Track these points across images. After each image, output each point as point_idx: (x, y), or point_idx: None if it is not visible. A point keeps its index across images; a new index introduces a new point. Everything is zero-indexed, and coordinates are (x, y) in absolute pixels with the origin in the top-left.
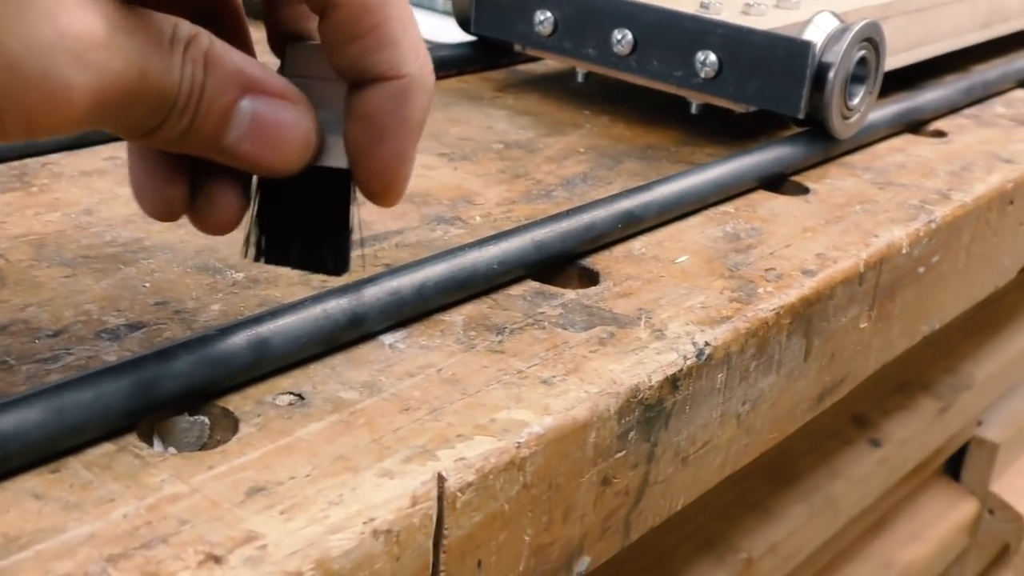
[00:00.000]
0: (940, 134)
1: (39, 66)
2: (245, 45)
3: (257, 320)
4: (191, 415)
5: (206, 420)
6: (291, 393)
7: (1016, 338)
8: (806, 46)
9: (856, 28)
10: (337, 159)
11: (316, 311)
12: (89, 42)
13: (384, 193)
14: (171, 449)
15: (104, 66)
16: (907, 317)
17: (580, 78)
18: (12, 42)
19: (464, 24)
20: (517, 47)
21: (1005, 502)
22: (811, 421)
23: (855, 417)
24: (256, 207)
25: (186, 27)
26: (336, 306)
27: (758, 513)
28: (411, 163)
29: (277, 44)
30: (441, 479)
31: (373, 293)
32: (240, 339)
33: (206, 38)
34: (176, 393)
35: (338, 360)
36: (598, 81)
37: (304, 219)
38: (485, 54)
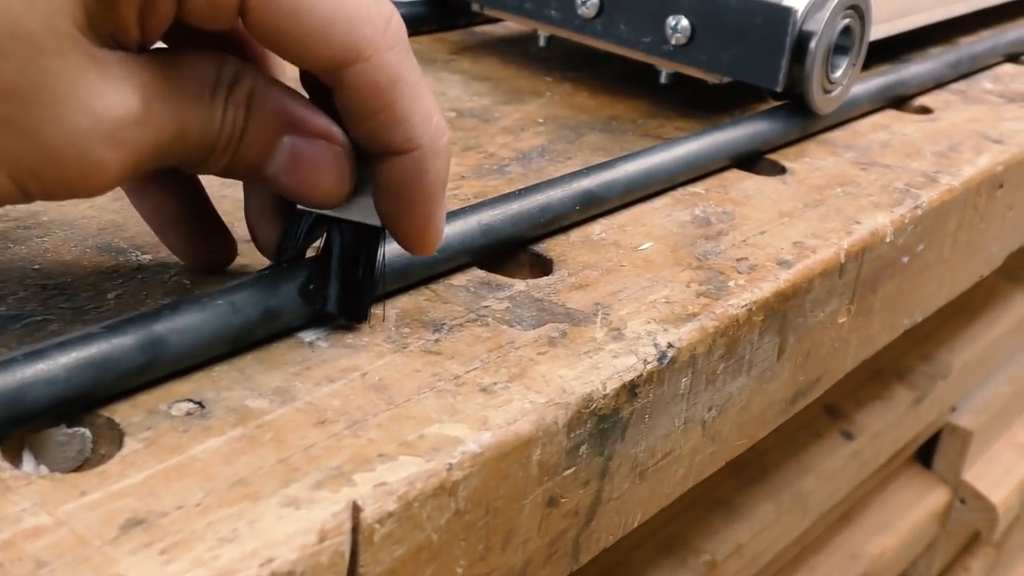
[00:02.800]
0: (925, 110)
1: (75, 152)
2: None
3: (153, 316)
4: (69, 426)
5: (87, 432)
6: (190, 400)
7: (994, 324)
8: (786, 12)
9: None
10: (370, 215)
11: (223, 305)
12: (123, 122)
13: (419, 248)
14: (43, 468)
15: (139, 139)
16: (888, 310)
17: (542, 42)
18: (50, 132)
19: None
20: (475, 7)
21: (977, 491)
22: None
23: (827, 408)
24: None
25: (231, 68)
26: (247, 299)
27: (723, 512)
28: (440, 219)
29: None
30: (356, 509)
31: (291, 284)
32: (130, 338)
33: (250, 78)
34: (50, 401)
35: (248, 360)
36: (561, 45)
37: (338, 262)
38: (441, 13)
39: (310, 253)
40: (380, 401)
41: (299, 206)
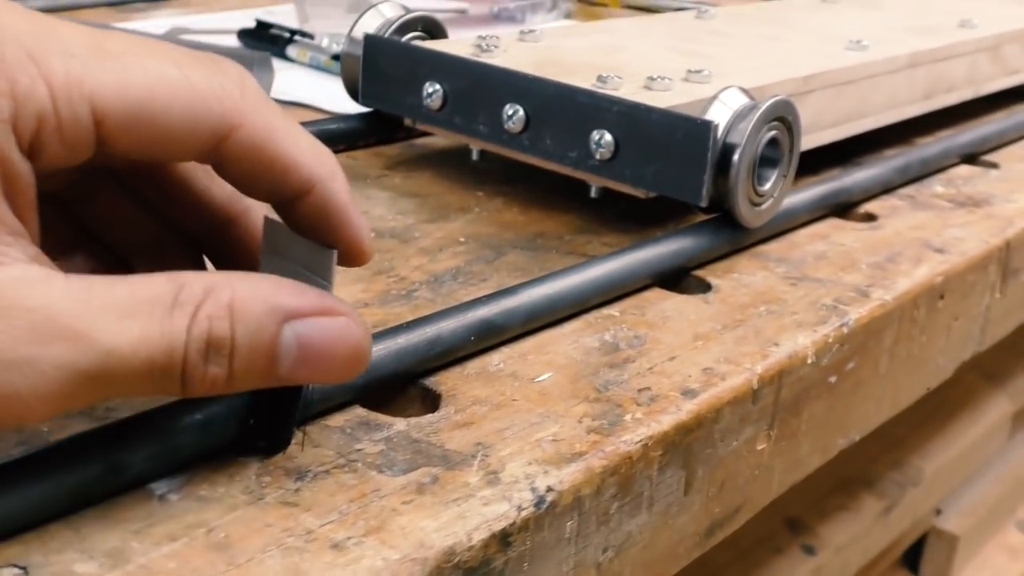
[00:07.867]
0: (870, 217)
1: None
2: None
3: None
4: None
5: None
6: (14, 566)
7: (971, 426)
8: (706, 126)
9: (764, 106)
10: None
11: (59, 461)
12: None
13: (361, 258)
14: None
15: (58, 358)
16: (818, 432)
17: (475, 156)
18: None
19: (354, 94)
20: (408, 122)
21: None
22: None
23: (788, 520)
24: None
25: (197, 286)
26: (90, 453)
27: None
28: (363, 222)
29: None
30: None
31: (143, 432)
32: None
33: (227, 288)
34: None
35: (88, 517)
36: (497, 158)
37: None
38: (380, 127)
39: None
40: (219, 562)
41: None
